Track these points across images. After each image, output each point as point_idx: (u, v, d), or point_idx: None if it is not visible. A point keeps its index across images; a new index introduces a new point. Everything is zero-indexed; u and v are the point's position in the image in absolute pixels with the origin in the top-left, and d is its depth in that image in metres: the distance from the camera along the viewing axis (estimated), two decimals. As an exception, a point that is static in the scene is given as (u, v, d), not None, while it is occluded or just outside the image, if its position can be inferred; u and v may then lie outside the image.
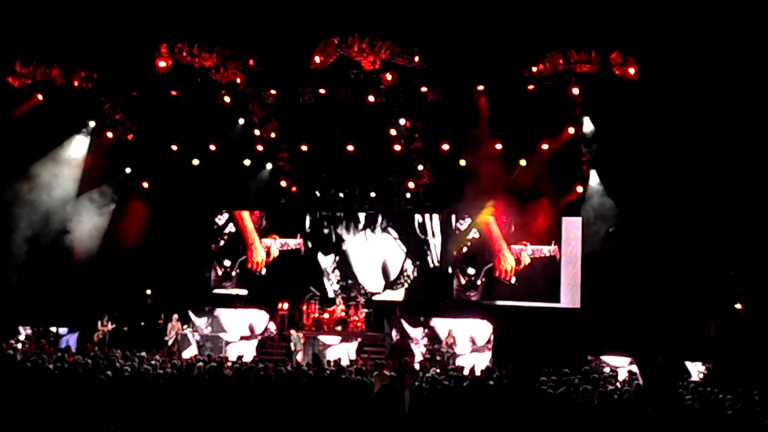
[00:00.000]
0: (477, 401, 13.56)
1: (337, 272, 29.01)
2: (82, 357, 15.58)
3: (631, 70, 21.86)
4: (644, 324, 23.57)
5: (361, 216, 29.13)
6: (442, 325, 25.55)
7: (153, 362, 15.83)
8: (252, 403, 12.30)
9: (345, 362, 20.74)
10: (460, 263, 27.85)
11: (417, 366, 21.09)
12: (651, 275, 24.16)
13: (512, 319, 25.95)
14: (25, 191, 26.32)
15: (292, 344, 24.92)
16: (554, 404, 13.08)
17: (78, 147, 27.72)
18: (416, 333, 25.81)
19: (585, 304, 25.78)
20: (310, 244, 29.30)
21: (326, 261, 29.17)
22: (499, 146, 25.49)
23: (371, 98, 24.85)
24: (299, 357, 24.31)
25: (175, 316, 25.88)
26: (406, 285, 28.54)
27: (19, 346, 22.52)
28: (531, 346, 23.60)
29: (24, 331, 24.42)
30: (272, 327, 26.72)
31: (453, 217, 27.95)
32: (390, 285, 28.65)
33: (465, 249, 27.84)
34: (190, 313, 26.88)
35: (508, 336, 25.18)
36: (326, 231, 29.31)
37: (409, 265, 28.62)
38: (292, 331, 25.19)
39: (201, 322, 27.08)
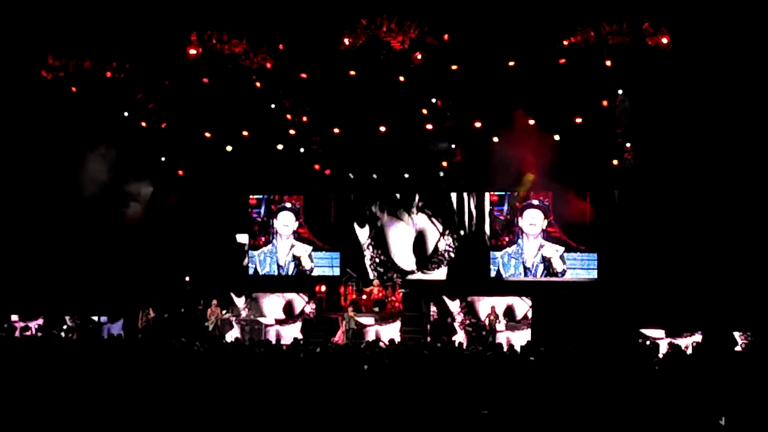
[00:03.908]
0: (516, 377, 13.57)
1: (373, 253, 29.12)
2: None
3: (664, 40, 21.64)
4: (685, 296, 23.44)
5: (396, 196, 29.17)
6: (481, 303, 25.59)
7: (195, 348, 16.03)
8: (293, 382, 12.42)
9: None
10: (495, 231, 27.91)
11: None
12: (689, 246, 23.98)
13: (550, 295, 25.91)
14: (61, 184, 26.61)
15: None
16: (595, 378, 13.06)
17: (112, 138, 27.93)
18: (455, 311, 25.95)
19: (622, 278, 25.61)
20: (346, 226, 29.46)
21: (363, 242, 29.30)
22: (532, 121, 25.35)
23: (402, 78, 24.78)
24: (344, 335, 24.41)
25: (215, 301, 26.14)
26: (442, 264, 28.56)
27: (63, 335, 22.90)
28: (569, 322, 23.56)
29: (68, 321, 24.77)
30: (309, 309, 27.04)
31: (487, 194, 27.89)
32: (426, 265, 28.68)
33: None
34: (232, 296, 27.25)
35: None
36: (362, 213, 29.40)
37: (444, 245, 28.63)
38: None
39: (241, 306, 27.38)
